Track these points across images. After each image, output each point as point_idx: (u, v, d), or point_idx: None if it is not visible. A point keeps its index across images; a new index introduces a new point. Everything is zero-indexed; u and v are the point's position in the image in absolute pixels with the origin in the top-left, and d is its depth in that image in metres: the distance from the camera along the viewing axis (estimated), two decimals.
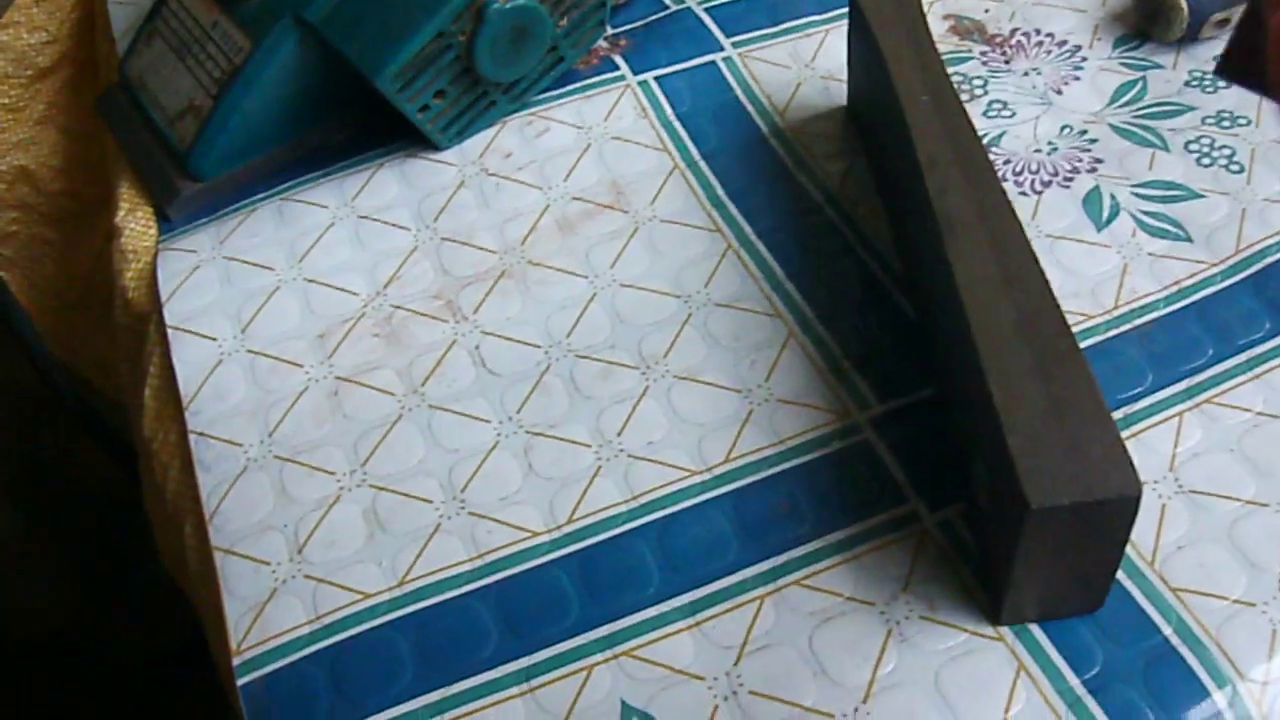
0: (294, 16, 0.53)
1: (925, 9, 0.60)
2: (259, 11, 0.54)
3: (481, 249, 0.53)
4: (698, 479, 0.45)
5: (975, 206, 0.44)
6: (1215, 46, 0.59)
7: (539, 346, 0.49)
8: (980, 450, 0.41)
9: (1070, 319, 0.48)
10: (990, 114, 0.56)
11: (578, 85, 0.59)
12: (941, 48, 0.59)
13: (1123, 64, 0.59)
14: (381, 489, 0.46)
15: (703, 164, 0.55)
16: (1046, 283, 0.42)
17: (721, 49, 0.60)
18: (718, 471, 0.45)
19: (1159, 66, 0.58)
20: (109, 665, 0.99)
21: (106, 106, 0.60)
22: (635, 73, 0.59)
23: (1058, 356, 0.40)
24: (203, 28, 0.56)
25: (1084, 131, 0.55)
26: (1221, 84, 0.57)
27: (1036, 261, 0.42)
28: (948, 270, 0.42)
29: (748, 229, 0.53)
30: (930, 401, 0.46)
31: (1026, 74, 0.58)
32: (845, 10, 0.56)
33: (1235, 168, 0.54)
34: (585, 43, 0.57)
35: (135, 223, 0.57)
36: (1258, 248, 0.51)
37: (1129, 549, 0.42)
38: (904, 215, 0.50)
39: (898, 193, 0.51)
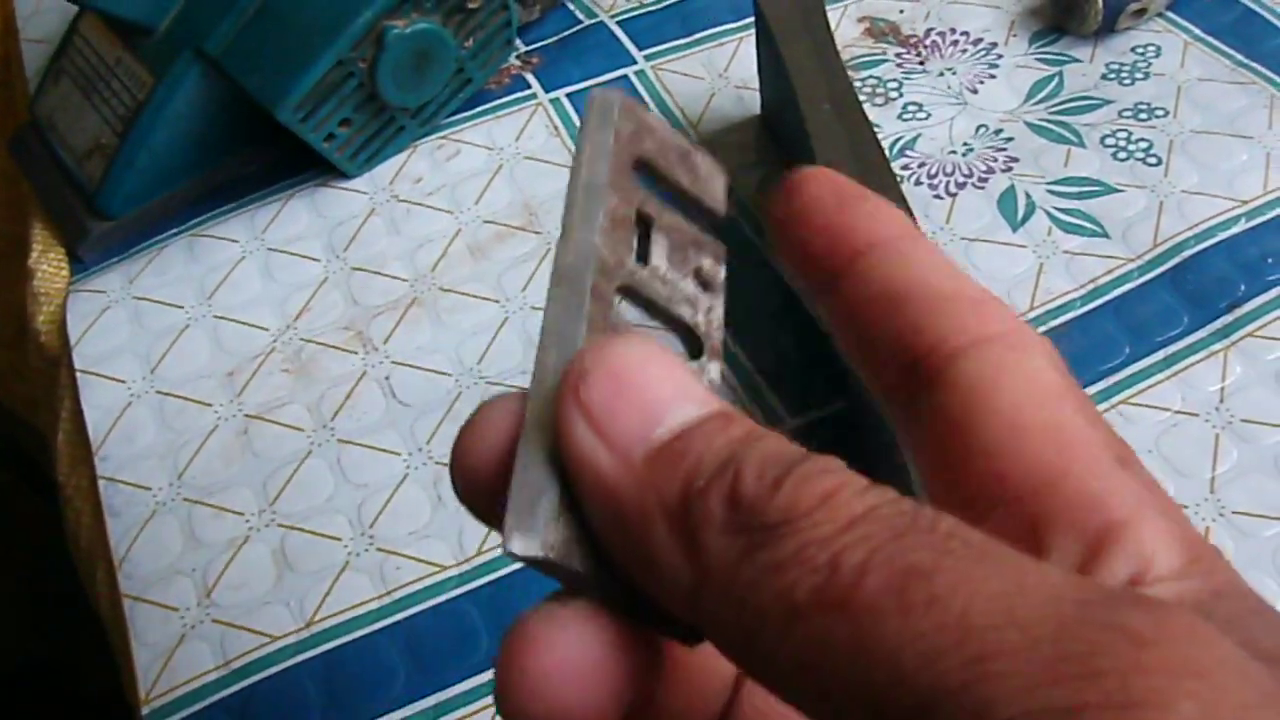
0: (195, 50, 0.53)
1: (840, 12, 0.60)
2: (160, 47, 0.54)
3: (392, 277, 0.52)
4: None
5: None
6: (1134, 38, 0.58)
7: (450, 375, 0.49)
8: (885, 463, 0.40)
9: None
10: (905, 117, 0.56)
11: (489, 106, 0.58)
12: (856, 51, 0.59)
13: (1039, 60, 0.58)
14: (290, 528, 0.45)
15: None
16: None
17: (634, 62, 0.59)
18: None
19: (1075, 60, 0.58)
20: (81, 697, 0.98)
21: (18, 147, 0.60)
22: (547, 90, 0.58)
23: None
24: (107, 65, 0.56)
25: (999, 130, 0.55)
26: (1139, 75, 0.57)
27: None
28: None
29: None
30: (842, 415, 0.46)
31: (942, 74, 0.58)
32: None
33: (1153, 160, 0.53)
34: (493, 63, 0.56)
35: (47, 264, 0.56)
36: (1175, 241, 0.50)
37: None
38: None
39: None
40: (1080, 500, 0.17)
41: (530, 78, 0.59)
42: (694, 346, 0.20)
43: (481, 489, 0.18)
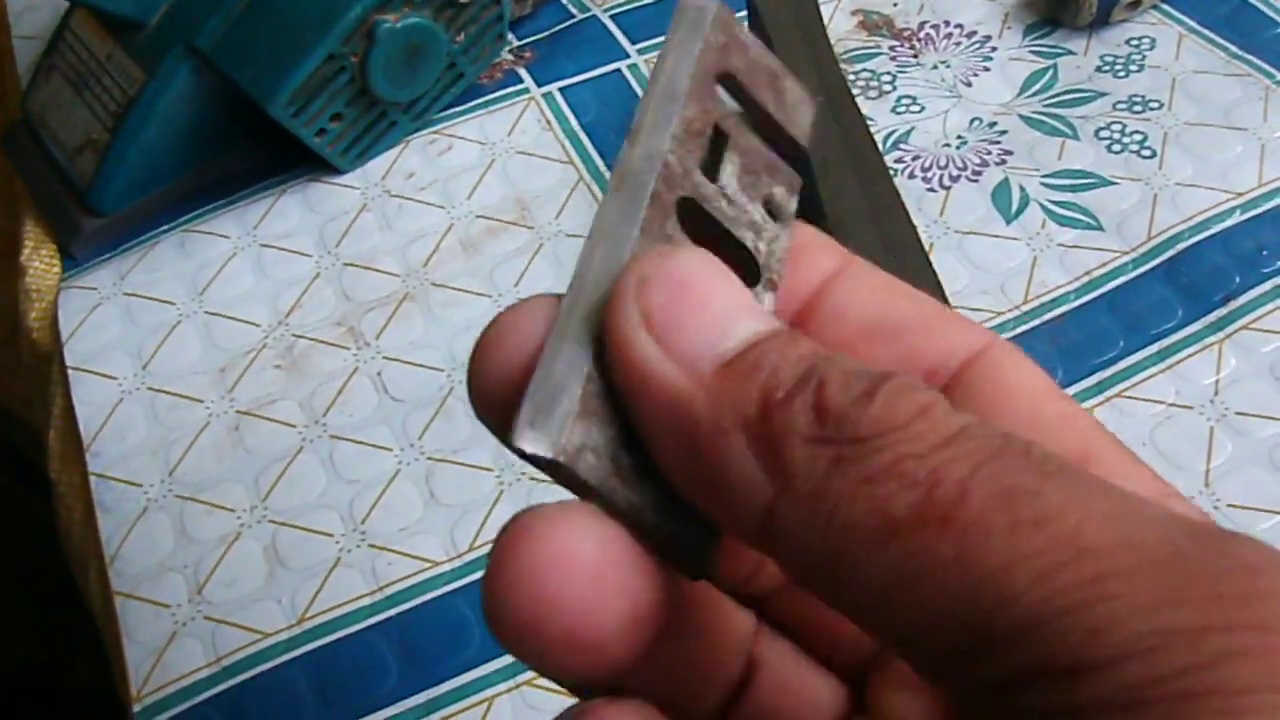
0: (186, 45, 0.52)
1: (834, 5, 0.60)
2: (151, 42, 0.53)
3: (384, 273, 0.52)
4: None
5: (868, 210, 0.43)
6: (1128, 30, 0.58)
7: (442, 370, 0.49)
8: None
9: (979, 316, 0.48)
10: (899, 110, 0.56)
11: (481, 100, 0.58)
12: (850, 44, 0.59)
13: (1033, 52, 0.58)
14: (282, 524, 0.45)
15: (608, 176, 0.54)
16: (940, 287, 0.41)
17: (627, 56, 0.59)
18: None
19: (1070, 53, 0.58)
20: (75, 695, 0.98)
21: (10, 144, 0.60)
22: (539, 85, 0.58)
23: None
24: (98, 60, 0.55)
25: (993, 123, 0.55)
26: (1134, 68, 0.57)
27: (929, 264, 0.42)
28: None
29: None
30: None
31: (935, 67, 0.58)
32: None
33: (1147, 153, 0.53)
34: (485, 58, 0.56)
35: (39, 261, 0.56)
36: (1170, 233, 0.50)
37: None
38: (805, 217, 0.49)
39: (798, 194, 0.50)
40: (1117, 478, 0.17)
41: (523, 72, 0.59)
42: (751, 274, 0.19)
43: (503, 399, 0.17)
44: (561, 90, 0.58)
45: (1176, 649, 0.12)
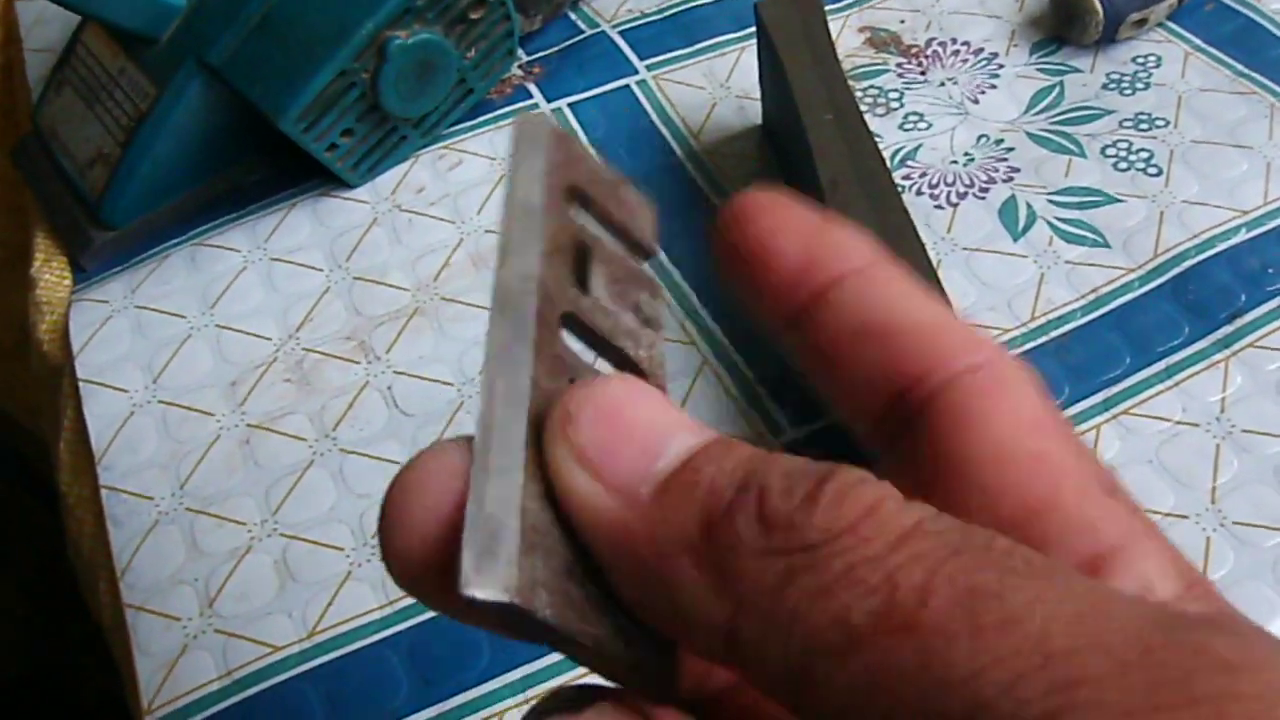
0: (197, 60, 0.53)
1: (841, 22, 0.60)
2: (163, 56, 0.54)
3: (394, 287, 0.52)
4: None
5: (876, 228, 0.43)
6: (1135, 48, 0.59)
7: (452, 385, 0.49)
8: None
9: (987, 334, 0.48)
10: (906, 127, 0.56)
11: (491, 115, 0.58)
12: (857, 61, 0.59)
13: (1040, 69, 0.58)
14: (293, 538, 0.45)
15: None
16: (948, 305, 0.41)
17: (635, 72, 0.60)
18: None
19: (1076, 70, 0.58)
20: (82, 705, 0.98)
21: (21, 156, 0.60)
22: (549, 100, 0.59)
23: None
24: (110, 74, 0.56)
25: (1000, 140, 0.55)
26: (1140, 85, 0.57)
27: (939, 283, 0.42)
28: None
29: (661, 256, 0.52)
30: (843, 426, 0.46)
31: (943, 84, 0.58)
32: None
33: (1153, 170, 0.53)
34: (495, 73, 0.56)
35: (50, 274, 0.56)
36: (1176, 251, 0.50)
37: None
38: None
39: None
40: (1072, 528, 0.17)
41: (532, 88, 0.59)
42: None
43: (423, 560, 0.16)
44: (571, 105, 0.58)
45: None
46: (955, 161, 0.54)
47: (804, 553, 0.14)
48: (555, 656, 0.41)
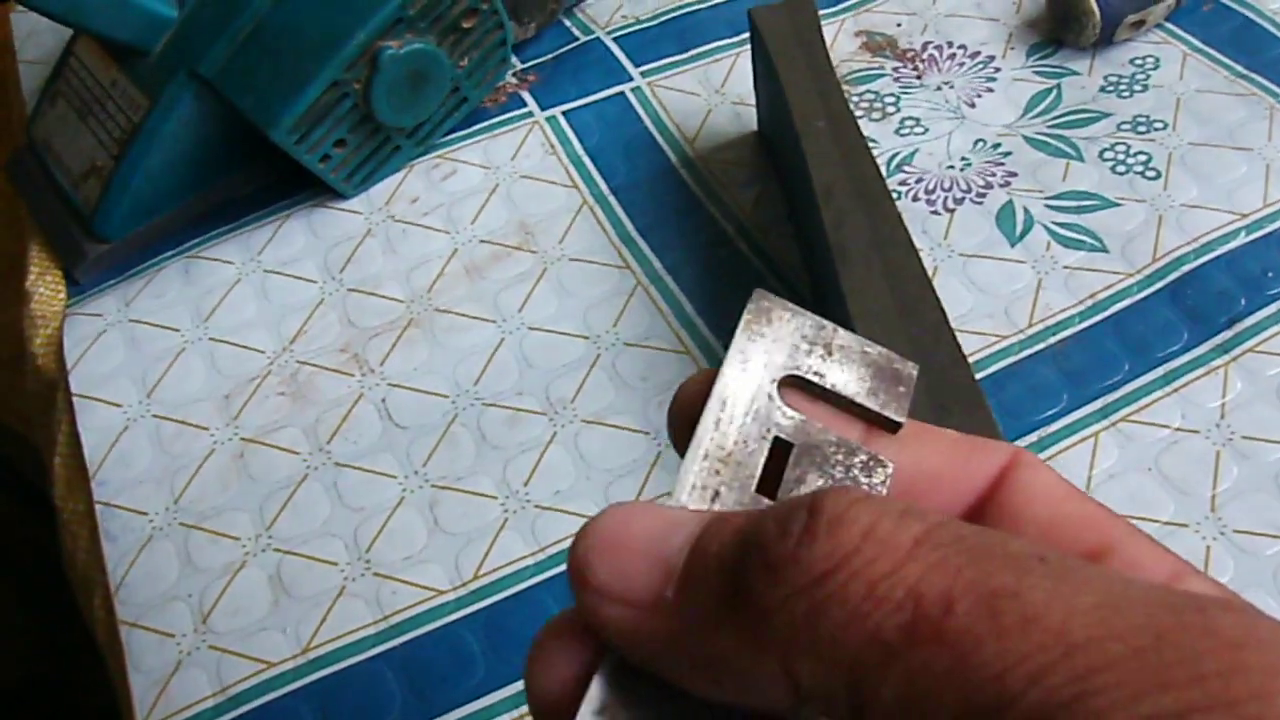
0: (189, 72, 0.52)
1: (837, 27, 0.60)
2: (156, 68, 0.54)
3: (388, 298, 0.52)
4: None
5: (870, 236, 0.43)
6: (1132, 50, 0.58)
7: (446, 396, 0.49)
8: None
9: (983, 340, 0.48)
10: (903, 131, 0.56)
11: (485, 124, 0.58)
12: (854, 65, 0.59)
13: (1036, 73, 0.58)
14: (287, 552, 0.45)
15: (612, 199, 0.54)
16: (943, 312, 0.41)
17: (630, 79, 0.59)
18: None
19: (1074, 73, 0.57)
20: (80, 714, 0.98)
21: (15, 170, 0.60)
22: (543, 108, 0.58)
23: (954, 388, 0.39)
24: (103, 87, 0.56)
25: (997, 145, 0.55)
26: (1138, 88, 0.56)
27: (933, 291, 0.42)
28: (843, 302, 0.41)
29: (657, 264, 0.52)
30: None
31: (939, 88, 0.57)
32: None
33: (1151, 174, 0.53)
34: (488, 82, 0.56)
35: (45, 287, 0.56)
36: (1175, 255, 0.50)
37: None
38: (808, 242, 0.49)
39: (801, 219, 0.50)
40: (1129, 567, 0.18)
41: (526, 95, 0.59)
42: None
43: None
44: (565, 113, 0.58)
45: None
46: (952, 166, 0.54)
47: (819, 583, 0.15)
48: None
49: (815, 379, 0.20)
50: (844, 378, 0.20)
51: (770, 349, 0.20)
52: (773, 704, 0.16)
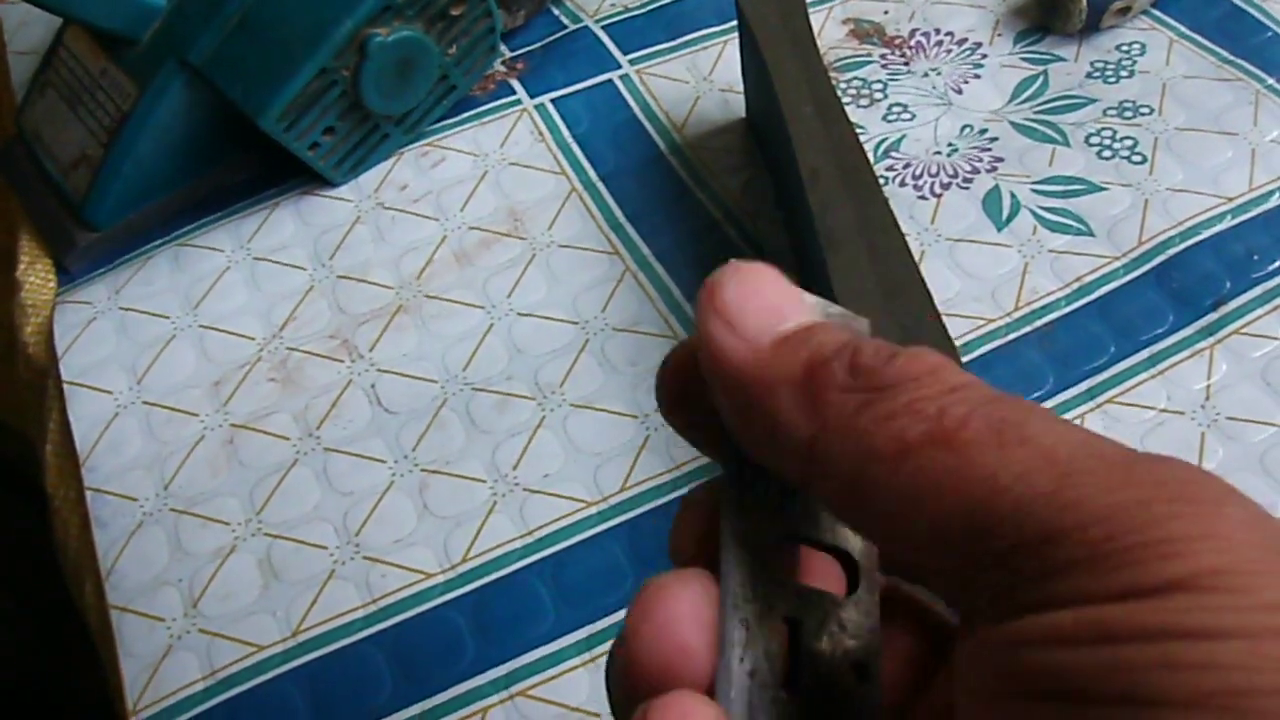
0: (178, 60, 0.52)
1: (825, 14, 0.60)
2: (144, 56, 0.54)
3: (378, 285, 0.52)
4: (593, 510, 0.44)
5: (857, 221, 0.43)
6: (1119, 36, 0.58)
7: (435, 381, 0.49)
8: None
9: (970, 324, 0.48)
10: (890, 118, 0.56)
11: (474, 112, 0.58)
12: (841, 52, 0.59)
13: (1024, 59, 0.58)
14: (276, 537, 0.45)
15: (601, 186, 0.55)
16: (929, 296, 0.41)
17: (619, 67, 0.59)
18: (613, 501, 0.45)
19: (1060, 59, 0.58)
20: (75, 710, 0.98)
21: (4, 160, 0.60)
22: (532, 96, 0.58)
23: None
24: (92, 76, 0.56)
25: (984, 130, 0.55)
26: (1124, 73, 0.57)
27: (918, 274, 0.42)
28: (830, 287, 0.42)
29: (645, 250, 0.52)
30: None
31: (926, 75, 0.58)
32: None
33: (1137, 158, 0.53)
34: (477, 69, 0.56)
35: (35, 276, 0.56)
36: (1160, 239, 0.50)
37: None
38: (795, 228, 0.50)
39: (789, 205, 0.50)
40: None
41: (515, 83, 0.59)
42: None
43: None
44: (554, 101, 0.58)
45: (1130, 514, 0.16)
46: (939, 152, 0.54)
47: (879, 391, 0.18)
48: (538, 653, 0.41)
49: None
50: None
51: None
52: (783, 461, 0.20)
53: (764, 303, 0.20)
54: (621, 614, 0.42)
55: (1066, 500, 0.16)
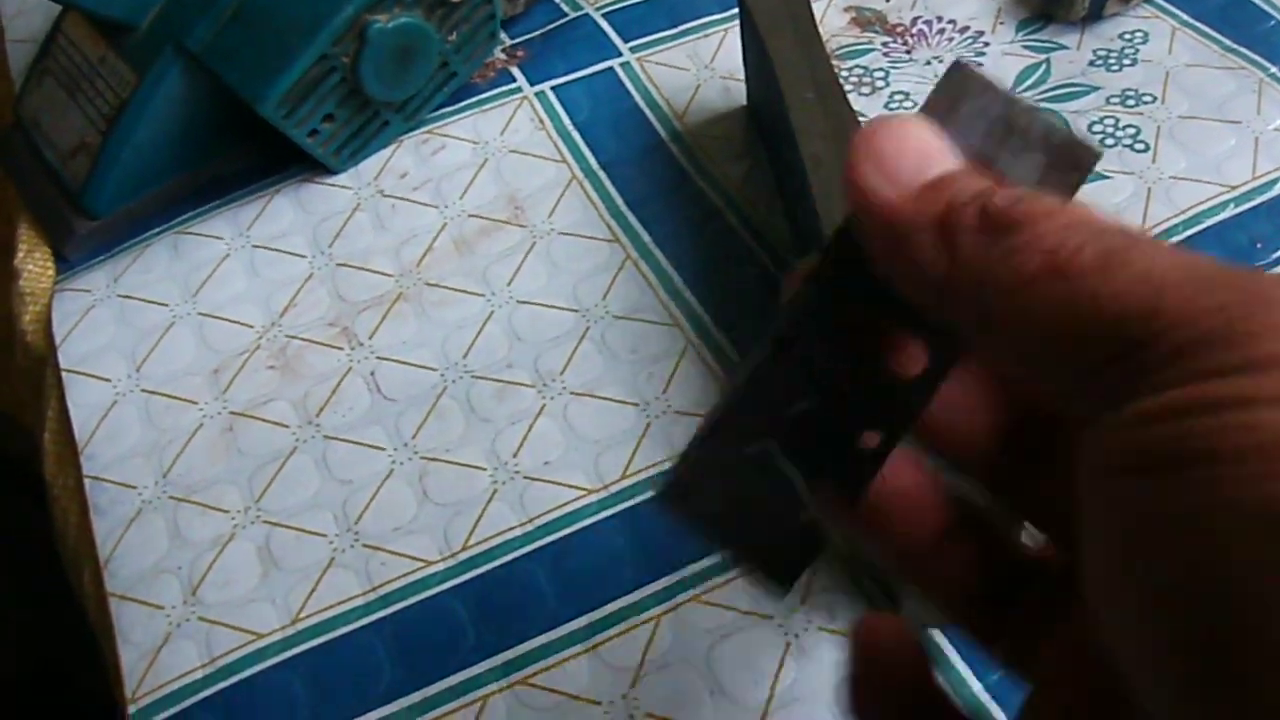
0: (177, 47, 0.52)
1: (827, 2, 0.60)
2: (143, 43, 0.53)
3: (378, 272, 0.52)
4: (594, 498, 0.44)
5: None
6: (1121, 24, 0.58)
7: (435, 369, 0.49)
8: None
9: None
10: (892, 106, 0.56)
11: (474, 99, 0.58)
12: (843, 40, 0.59)
13: (1026, 47, 0.58)
14: (275, 524, 0.45)
15: (601, 174, 0.54)
16: None
17: (620, 54, 0.59)
18: (613, 489, 0.44)
19: (1063, 48, 0.57)
20: (76, 700, 0.98)
21: (3, 148, 0.60)
22: (532, 83, 0.58)
23: None
24: (91, 64, 0.55)
25: None
26: (1127, 61, 0.56)
27: None
28: None
29: (646, 238, 0.52)
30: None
31: (929, 63, 0.57)
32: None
33: (1140, 147, 0.53)
34: (477, 56, 0.56)
35: (33, 264, 0.56)
36: (1164, 227, 0.50)
37: None
38: (796, 216, 0.49)
39: (790, 193, 0.50)
40: None
41: (515, 71, 0.59)
42: None
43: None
44: (554, 89, 0.58)
45: (1211, 316, 0.18)
46: None
47: (1006, 230, 0.20)
48: (538, 641, 0.41)
49: (996, 170, 0.24)
50: (1020, 166, 0.23)
51: (957, 136, 0.23)
52: (920, 294, 0.22)
53: (918, 150, 0.22)
54: (621, 603, 0.42)
55: (1159, 306, 0.18)
